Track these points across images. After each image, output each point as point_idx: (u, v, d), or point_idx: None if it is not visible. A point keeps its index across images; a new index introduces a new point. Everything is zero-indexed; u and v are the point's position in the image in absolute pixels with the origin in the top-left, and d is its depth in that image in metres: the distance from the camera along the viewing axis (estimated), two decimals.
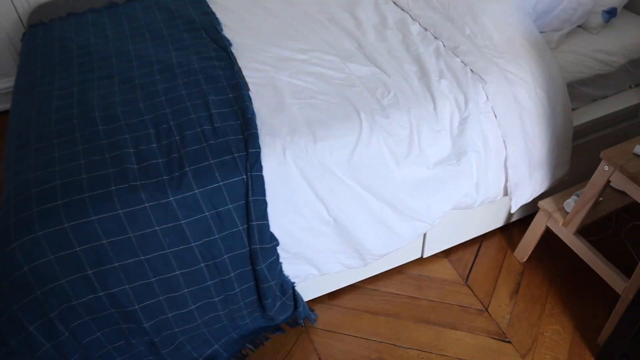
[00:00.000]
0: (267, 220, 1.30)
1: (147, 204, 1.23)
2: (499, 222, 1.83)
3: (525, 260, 1.76)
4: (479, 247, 1.82)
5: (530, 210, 1.85)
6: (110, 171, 1.28)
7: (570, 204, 1.55)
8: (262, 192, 1.28)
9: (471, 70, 1.53)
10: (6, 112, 2.62)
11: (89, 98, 1.53)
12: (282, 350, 1.57)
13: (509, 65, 1.54)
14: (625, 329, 1.36)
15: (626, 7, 1.92)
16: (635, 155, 1.36)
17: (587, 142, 1.74)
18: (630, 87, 1.81)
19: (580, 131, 1.71)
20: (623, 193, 1.64)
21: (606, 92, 1.77)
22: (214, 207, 1.26)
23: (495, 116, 1.49)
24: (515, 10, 1.65)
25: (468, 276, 1.73)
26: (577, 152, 1.71)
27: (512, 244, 1.82)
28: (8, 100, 2.60)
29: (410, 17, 1.78)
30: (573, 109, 1.71)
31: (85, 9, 2.07)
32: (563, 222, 1.56)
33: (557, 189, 1.76)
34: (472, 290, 1.69)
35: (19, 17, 2.45)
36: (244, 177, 1.28)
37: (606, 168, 1.38)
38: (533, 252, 1.77)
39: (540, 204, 1.62)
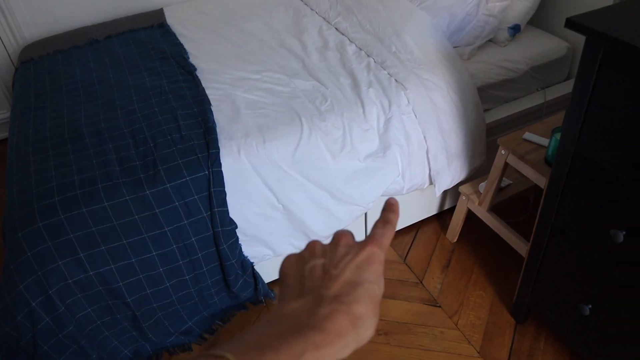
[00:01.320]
0: (226, 207, 1.59)
1: (127, 197, 1.52)
2: (433, 210, 2.13)
3: (455, 240, 2.06)
4: (416, 232, 2.12)
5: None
6: (97, 173, 1.57)
7: (483, 186, 1.86)
8: (222, 184, 1.58)
9: (395, 80, 1.85)
10: (1, 141, 2.89)
11: (77, 118, 1.83)
12: (246, 324, 1.84)
13: (426, 74, 1.86)
14: (527, 285, 1.66)
15: (531, 22, 2.26)
16: (525, 140, 1.68)
17: (502, 137, 2.05)
18: (537, 90, 2.14)
19: (494, 127, 2.03)
20: None
21: (515, 94, 2.10)
22: (182, 198, 1.55)
23: (416, 116, 1.81)
24: (431, 29, 1.98)
25: (406, 256, 2.02)
26: (493, 145, 2.03)
27: (445, 228, 2.12)
28: (1, 130, 2.88)
29: (347, 40, 2.11)
30: (487, 109, 2.03)
31: (70, 46, 2.37)
32: (478, 201, 1.86)
33: (478, 177, 2.07)
34: (409, 267, 1.98)
35: (8, 55, 2.74)
36: (206, 172, 1.57)
37: (503, 152, 1.69)
38: (461, 232, 2.06)
39: (461, 188, 1.93)
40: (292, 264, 0.44)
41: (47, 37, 2.63)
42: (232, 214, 1.61)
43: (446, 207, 2.16)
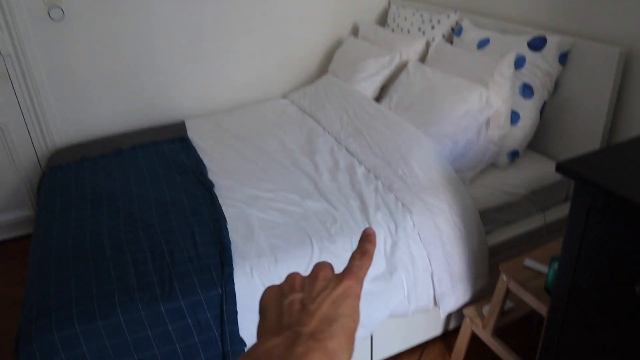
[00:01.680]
0: (237, 326, 1.64)
1: (142, 312, 1.58)
2: (437, 331, 2.16)
3: None
4: (421, 353, 2.14)
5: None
6: (115, 286, 1.64)
7: (486, 309, 1.91)
8: (234, 303, 1.64)
9: (402, 203, 1.96)
10: (22, 237, 2.98)
11: (99, 229, 1.93)
12: None
13: (431, 198, 1.97)
14: None
15: (530, 147, 2.40)
16: (525, 267, 1.75)
17: (504, 257, 2.13)
18: (537, 212, 2.24)
19: (496, 249, 2.11)
20: None
21: (515, 216, 2.20)
22: (195, 315, 1.61)
23: (421, 239, 1.90)
24: (435, 155, 2.12)
25: None
26: (495, 267, 2.09)
27: (450, 349, 2.14)
28: (22, 228, 2.98)
29: (357, 161, 2.25)
30: (488, 232, 2.12)
31: (97, 154, 2.53)
32: (482, 325, 1.91)
33: (482, 298, 2.12)
34: None
35: (37, 158, 2.90)
36: (220, 291, 1.64)
37: (505, 278, 1.76)
38: (466, 354, 2.08)
39: (465, 311, 1.98)
40: (272, 297, 0.46)
41: (76, 143, 2.81)
42: (242, 333, 1.67)
43: (451, 327, 2.19)
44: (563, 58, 2.12)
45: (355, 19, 3.28)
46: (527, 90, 2.19)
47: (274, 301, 0.46)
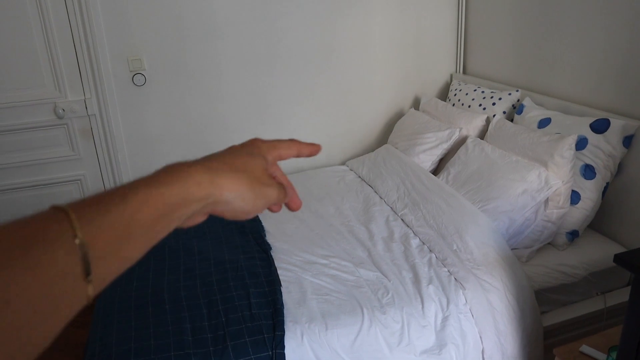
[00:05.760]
0: None
1: None
2: None
3: None
4: None
5: None
6: (171, 340, 1.72)
7: None
8: None
9: (455, 278, 1.96)
10: None
11: (160, 282, 2.03)
12: None
13: (484, 275, 1.96)
14: None
15: (590, 226, 2.36)
16: (582, 353, 1.70)
17: (560, 340, 2.07)
18: (597, 294, 2.17)
19: (552, 331, 2.05)
20: None
21: (573, 298, 2.14)
22: None
23: (473, 316, 1.88)
24: (491, 232, 2.12)
25: None
26: (550, 348, 2.03)
27: None
28: None
29: (412, 232, 2.28)
30: (544, 312, 2.07)
31: None
32: None
33: None
34: None
35: None
36: (270, 353, 1.68)
37: None
38: None
39: None
40: (237, 148, 0.54)
41: None
42: None
43: None
44: (627, 141, 2.11)
45: (416, 92, 3.39)
46: (588, 171, 2.18)
47: (230, 150, 0.53)
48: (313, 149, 0.60)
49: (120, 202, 0.40)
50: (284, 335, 1.72)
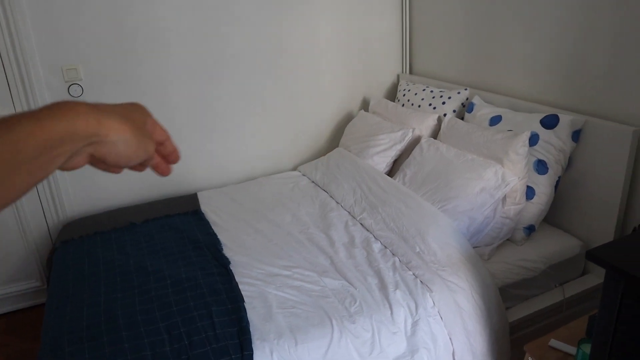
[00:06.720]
0: None
1: None
2: None
3: None
4: None
5: None
6: None
7: None
8: None
9: (421, 281, 1.94)
10: (29, 308, 2.92)
11: (114, 307, 1.90)
12: None
13: (450, 276, 1.95)
14: None
15: (545, 220, 2.40)
16: (551, 347, 1.72)
17: (525, 334, 2.09)
18: (555, 286, 2.22)
19: (517, 325, 2.07)
20: None
21: (534, 291, 2.17)
22: None
23: (442, 318, 1.86)
24: (453, 232, 2.12)
25: None
26: (516, 344, 2.05)
27: None
28: (30, 299, 2.93)
29: (373, 237, 2.24)
30: (508, 308, 2.09)
31: (110, 227, 2.53)
32: None
33: None
34: None
35: (48, 229, 2.88)
36: None
37: (530, 359, 1.72)
38: None
39: None
40: (138, 107, 0.57)
41: (87, 215, 2.81)
42: None
43: None
44: (576, 135, 2.16)
45: (365, 93, 3.37)
46: (541, 167, 2.22)
47: (128, 107, 0.55)
48: (173, 156, 0.67)
49: (6, 132, 0.41)
50: (252, 354, 1.64)
